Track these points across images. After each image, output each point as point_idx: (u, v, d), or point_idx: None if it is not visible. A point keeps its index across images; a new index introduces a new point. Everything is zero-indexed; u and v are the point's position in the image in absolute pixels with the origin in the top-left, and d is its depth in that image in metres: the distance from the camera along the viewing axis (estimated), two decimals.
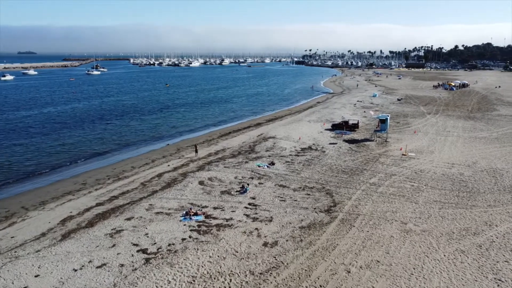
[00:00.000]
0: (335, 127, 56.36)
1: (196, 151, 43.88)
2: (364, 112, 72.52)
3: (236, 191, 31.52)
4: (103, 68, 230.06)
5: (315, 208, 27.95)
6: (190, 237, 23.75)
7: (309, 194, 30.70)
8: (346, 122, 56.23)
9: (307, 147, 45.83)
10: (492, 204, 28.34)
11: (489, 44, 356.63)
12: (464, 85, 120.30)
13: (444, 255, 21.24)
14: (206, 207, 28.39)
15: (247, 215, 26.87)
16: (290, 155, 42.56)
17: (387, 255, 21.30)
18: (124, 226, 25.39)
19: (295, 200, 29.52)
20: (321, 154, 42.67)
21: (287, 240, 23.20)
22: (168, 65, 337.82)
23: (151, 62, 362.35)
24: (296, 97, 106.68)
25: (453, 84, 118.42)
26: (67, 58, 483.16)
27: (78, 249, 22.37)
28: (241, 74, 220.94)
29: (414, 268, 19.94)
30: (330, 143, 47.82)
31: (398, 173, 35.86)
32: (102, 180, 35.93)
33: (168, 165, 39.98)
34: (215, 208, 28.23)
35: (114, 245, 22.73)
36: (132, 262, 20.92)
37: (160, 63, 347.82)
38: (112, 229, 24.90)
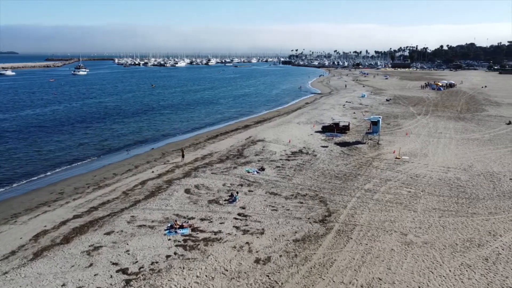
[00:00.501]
0: (326, 129, 54.91)
1: (183, 156, 41.83)
2: (354, 113, 71.35)
3: (225, 200, 29.66)
4: (85, 68, 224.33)
5: (309, 218, 26.28)
6: (175, 253, 21.81)
7: (302, 203, 29.02)
8: (337, 124, 54.82)
9: (298, 151, 44.21)
10: (493, 212, 27.10)
11: (472, 44, 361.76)
12: (451, 85, 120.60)
13: (450, 271, 19.76)
14: (192, 218, 26.46)
15: (237, 227, 25.04)
16: (281, 159, 40.86)
17: (389, 272, 19.72)
18: (103, 241, 23.29)
19: (288, 210, 27.81)
20: (312, 158, 41.08)
21: (280, 256, 21.46)
22: (154, 65, 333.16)
23: (136, 62, 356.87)
24: (284, 97, 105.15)
25: (440, 84, 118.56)
26: (49, 58, 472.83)
27: (50, 270, 20.22)
28: (228, 75, 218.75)
29: (419, 287, 18.39)
30: (321, 146, 46.29)
31: (393, 178, 34.47)
32: (81, 189, 33.64)
33: (153, 172, 37.87)
34: (202, 219, 26.32)
35: (91, 265, 20.65)
36: (111, 284, 18.90)
37: (146, 63, 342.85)
38: (89, 246, 22.78)
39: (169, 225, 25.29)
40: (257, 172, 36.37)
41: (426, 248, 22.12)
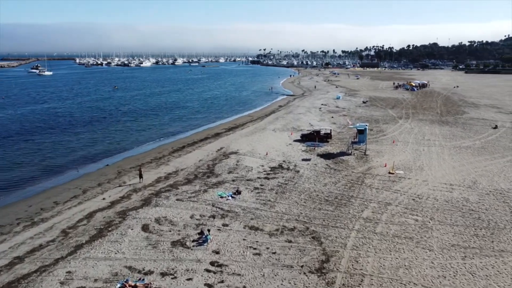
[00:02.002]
0: (305, 137, 49.40)
1: (141, 176, 35.01)
2: (332, 117, 66.50)
3: (193, 241, 23.38)
4: (39, 68, 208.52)
5: (302, 266, 20.48)
6: None
7: (290, 241, 23.18)
8: (318, 132, 49.37)
9: (277, 166, 38.43)
10: None
11: (435, 44, 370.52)
12: (423, 85, 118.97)
13: None
14: (150, 273, 20.04)
15: (210, 286, 18.84)
16: (259, 177, 34.92)
17: None
18: None
19: (274, 253, 21.89)
20: (295, 176, 35.38)
21: None
22: (118, 65, 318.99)
23: (99, 62, 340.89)
24: (255, 100, 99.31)
25: (413, 84, 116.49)
26: (5, 57, 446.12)
27: None
28: (195, 75, 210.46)
29: None
30: (303, 159, 40.74)
31: (393, 200, 29.29)
32: (7, 228, 26.31)
33: (104, 198, 30.98)
34: (163, 274, 19.93)
35: None
36: None
37: (109, 63, 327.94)
38: None
39: (118, 286, 18.76)
40: (232, 197, 30.26)
41: None
